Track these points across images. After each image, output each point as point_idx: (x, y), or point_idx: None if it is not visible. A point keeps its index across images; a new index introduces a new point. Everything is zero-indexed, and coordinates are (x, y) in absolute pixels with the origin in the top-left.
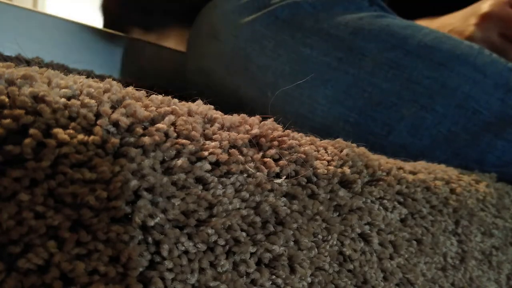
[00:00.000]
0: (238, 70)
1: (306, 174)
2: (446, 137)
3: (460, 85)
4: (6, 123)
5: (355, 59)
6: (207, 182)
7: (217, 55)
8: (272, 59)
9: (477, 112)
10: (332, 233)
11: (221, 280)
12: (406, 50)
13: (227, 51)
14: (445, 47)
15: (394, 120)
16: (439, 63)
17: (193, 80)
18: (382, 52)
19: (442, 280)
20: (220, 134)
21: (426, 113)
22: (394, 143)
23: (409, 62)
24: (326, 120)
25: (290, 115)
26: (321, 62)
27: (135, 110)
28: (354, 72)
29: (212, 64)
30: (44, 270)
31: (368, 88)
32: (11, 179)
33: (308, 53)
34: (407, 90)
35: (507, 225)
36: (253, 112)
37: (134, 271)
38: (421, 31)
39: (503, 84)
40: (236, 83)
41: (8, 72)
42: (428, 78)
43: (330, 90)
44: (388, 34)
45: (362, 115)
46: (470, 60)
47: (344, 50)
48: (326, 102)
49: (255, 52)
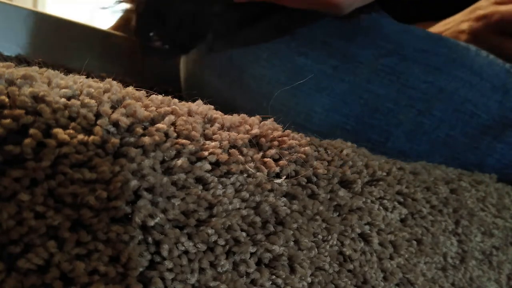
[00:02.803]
0: (233, 81)
1: (306, 174)
2: (444, 141)
3: (457, 88)
4: (6, 123)
5: (351, 66)
6: (207, 182)
7: (212, 67)
8: (267, 69)
9: (475, 116)
10: (332, 233)
11: (221, 280)
12: (402, 55)
13: (221, 62)
14: (441, 50)
15: (391, 126)
16: (435, 67)
17: (189, 91)
18: (378, 59)
19: (442, 280)
20: (220, 134)
21: (424, 118)
22: (392, 149)
23: (405, 68)
24: (323, 129)
25: (286, 124)
26: (316, 70)
27: (135, 110)
28: (349, 79)
29: (207, 75)
30: (44, 270)
31: (365, 95)
32: (11, 179)
33: (303, 61)
34: (404, 95)
35: (507, 225)
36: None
37: (134, 271)
38: (417, 35)
39: (501, 86)
40: (232, 94)
41: (8, 72)
42: (425, 82)
43: (326, 98)
44: (383, 39)
45: (359, 122)
46: (467, 63)
47: (339, 57)
48: (323, 110)
49: (249, 62)
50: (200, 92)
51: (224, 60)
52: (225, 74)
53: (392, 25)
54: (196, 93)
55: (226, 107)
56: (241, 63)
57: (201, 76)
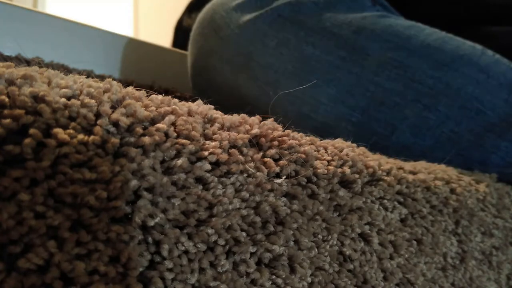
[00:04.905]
0: (240, 69)
1: (306, 174)
2: (449, 137)
3: (464, 85)
4: (6, 123)
5: (358, 58)
6: (207, 182)
7: (219, 53)
8: (275, 58)
9: (480, 113)
10: (332, 233)
11: (221, 280)
12: (410, 50)
13: (229, 50)
14: (449, 47)
15: (397, 120)
16: (442, 63)
17: (195, 78)
18: (386, 52)
19: (442, 280)
20: (220, 134)
21: (429, 113)
22: (397, 143)
23: (412, 62)
24: (328, 120)
25: (292, 114)
26: (324, 61)
27: (135, 110)
28: (357, 72)
29: (214, 62)
30: (44, 270)
31: (371, 87)
32: (11, 179)
33: (311, 51)
34: (410, 90)
35: (507, 225)
36: (254, 111)
37: (134, 271)
38: (424, 31)
39: (507, 84)
40: (238, 81)
41: (8, 72)
42: (432, 78)
43: (333, 89)
44: (391, 33)
45: (365, 114)
46: (474, 60)
47: (347, 49)
48: (329, 101)
49: (257, 50)
50: (206, 78)
51: (232, 47)
52: (232, 61)
53: (400, 20)
54: (202, 79)
55: (231, 94)
56: (248, 51)
57: (208, 62)
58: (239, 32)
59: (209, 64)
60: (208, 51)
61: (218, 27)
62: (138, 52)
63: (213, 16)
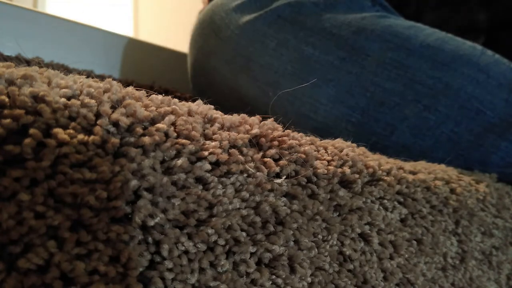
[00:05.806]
0: (240, 69)
1: (306, 174)
2: (449, 137)
3: (464, 85)
4: (6, 123)
5: (358, 59)
6: (207, 182)
7: (219, 54)
8: (274, 58)
9: (480, 113)
10: (332, 233)
11: (221, 280)
12: (409, 50)
13: (229, 50)
14: (448, 47)
15: (397, 120)
16: (442, 63)
17: (195, 79)
18: (385, 52)
19: (442, 280)
20: (220, 134)
21: (429, 113)
22: (396, 144)
23: (412, 62)
24: (328, 120)
25: (292, 114)
26: (323, 61)
27: (135, 110)
28: (357, 72)
29: (214, 63)
30: (44, 270)
31: (371, 88)
32: (11, 179)
33: (310, 52)
34: (410, 90)
35: (507, 225)
36: (253, 112)
37: (134, 271)
38: (424, 31)
39: (507, 84)
40: (238, 82)
41: (8, 72)
42: (432, 78)
43: (332, 90)
44: (391, 34)
45: (365, 115)
46: (474, 61)
47: (347, 49)
48: (328, 101)
49: (257, 51)
50: (206, 78)
51: (232, 48)
52: (232, 62)
53: (399, 21)
54: (202, 80)
55: (231, 95)
56: (248, 52)
57: (208, 63)
58: (239, 33)
59: (209, 64)
60: (208, 51)
61: (218, 28)
62: (138, 52)
63: (212, 17)
